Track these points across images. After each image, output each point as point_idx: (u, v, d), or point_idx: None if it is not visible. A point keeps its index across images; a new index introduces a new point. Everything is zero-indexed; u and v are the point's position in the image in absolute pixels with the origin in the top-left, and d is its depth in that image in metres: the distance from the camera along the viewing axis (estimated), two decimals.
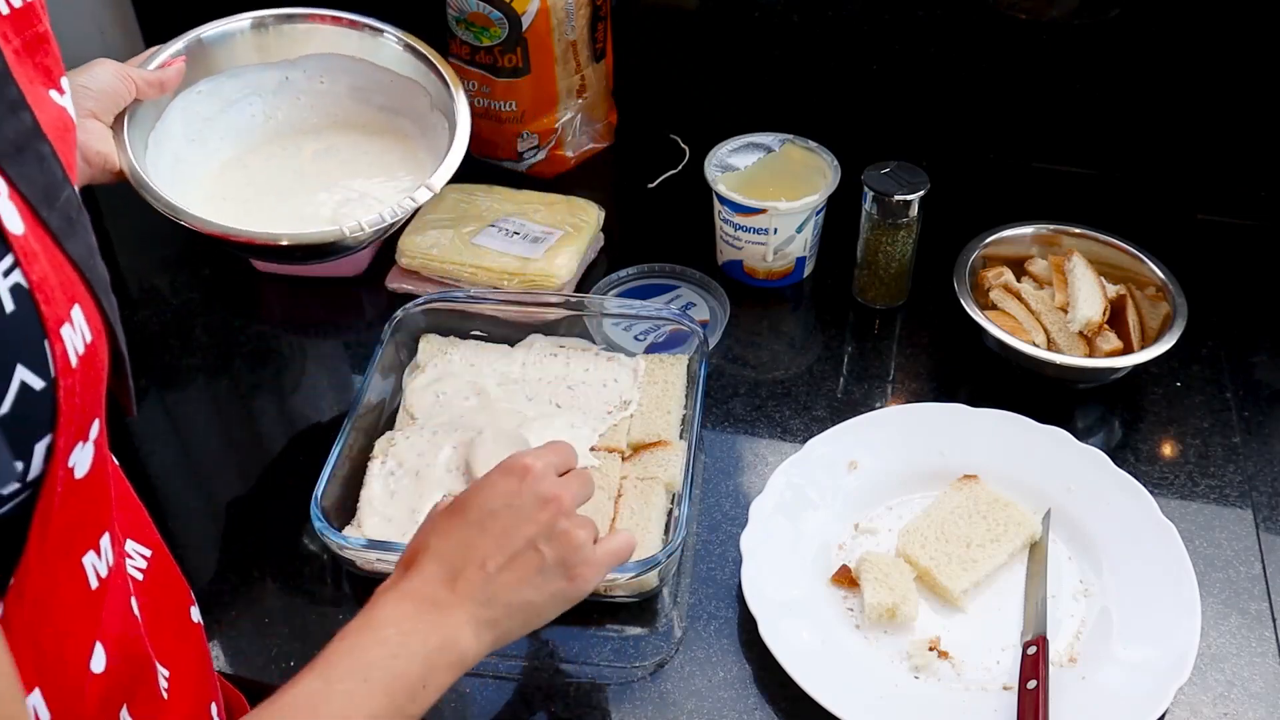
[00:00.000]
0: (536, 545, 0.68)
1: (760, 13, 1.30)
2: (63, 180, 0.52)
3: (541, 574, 0.68)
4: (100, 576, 0.57)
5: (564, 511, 0.70)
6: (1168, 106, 1.24)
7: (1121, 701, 0.81)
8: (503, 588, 0.67)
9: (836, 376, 1.09)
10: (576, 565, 0.69)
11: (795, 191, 1.13)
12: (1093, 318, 1.03)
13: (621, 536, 0.74)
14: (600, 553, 0.71)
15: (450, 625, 0.65)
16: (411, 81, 1.06)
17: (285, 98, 1.08)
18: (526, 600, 0.68)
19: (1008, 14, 1.22)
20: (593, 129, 1.34)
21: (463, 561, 0.67)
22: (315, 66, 1.07)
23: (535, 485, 0.70)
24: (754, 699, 0.83)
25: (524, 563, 0.68)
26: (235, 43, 1.05)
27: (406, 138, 1.07)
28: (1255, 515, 0.95)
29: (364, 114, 1.09)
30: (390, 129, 1.08)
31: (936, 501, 0.94)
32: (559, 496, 0.70)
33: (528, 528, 0.68)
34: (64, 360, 0.47)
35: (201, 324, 1.17)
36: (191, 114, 1.03)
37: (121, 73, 0.92)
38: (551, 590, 0.69)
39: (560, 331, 1.07)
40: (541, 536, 0.68)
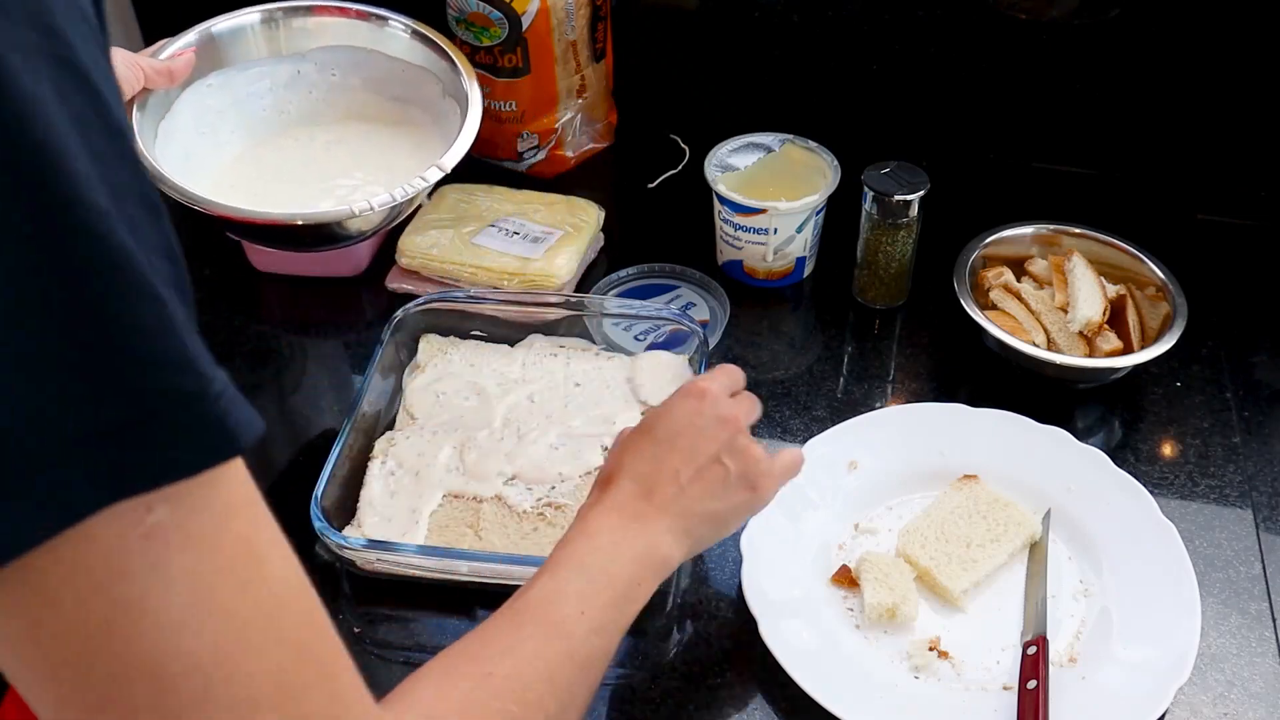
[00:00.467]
0: (720, 459, 0.75)
1: (760, 13, 1.30)
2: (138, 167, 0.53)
3: (726, 486, 0.75)
4: None
5: (741, 429, 0.77)
6: (1168, 106, 1.24)
7: (1121, 701, 0.81)
8: (694, 499, 0.73)
9: (836, 376, 1.09)
10: (757, 477, 0.76)
11: (795, 191, 1.13)
12: (1093, 318, 1.03)
13: (793, 451, 0.81)
14: (777, 466, 0.78)
15: (652, 533, 0.71)
16: (423, 70, 1.06)
17: (298, 91, 1.08)
18: (714, 510, 0.74)
19: (1008, 14, 1.22)
20: (593, 129, 1.34)
21: (656, 476, 0.73)
22: (327, 59, 1.08)
23: (714, 406, 0.76)
24: (754, 699, 0.83)
25: (711, 476, 0.74)
26: (245, 36, 1.05)
27: (418, 126, 1.08)
28: (1255, 515, 0.95)
29: (377, 105, 1.09)
30: (403, 119, 1.08)
31: (936, 501, 0.94)
32: (735, 416, 0.77)
33: (711, 444, 0.75)
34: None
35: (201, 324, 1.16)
36: (202, 106, 1.03)
37: (130, 60, 0.92)
38: (736, 500, 0.76)
39: (560, 331, 1.07)
40: (724, 451, 0.75)
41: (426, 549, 0.87)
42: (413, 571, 0.88)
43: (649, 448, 0.75)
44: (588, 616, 0.65)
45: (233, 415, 0.42)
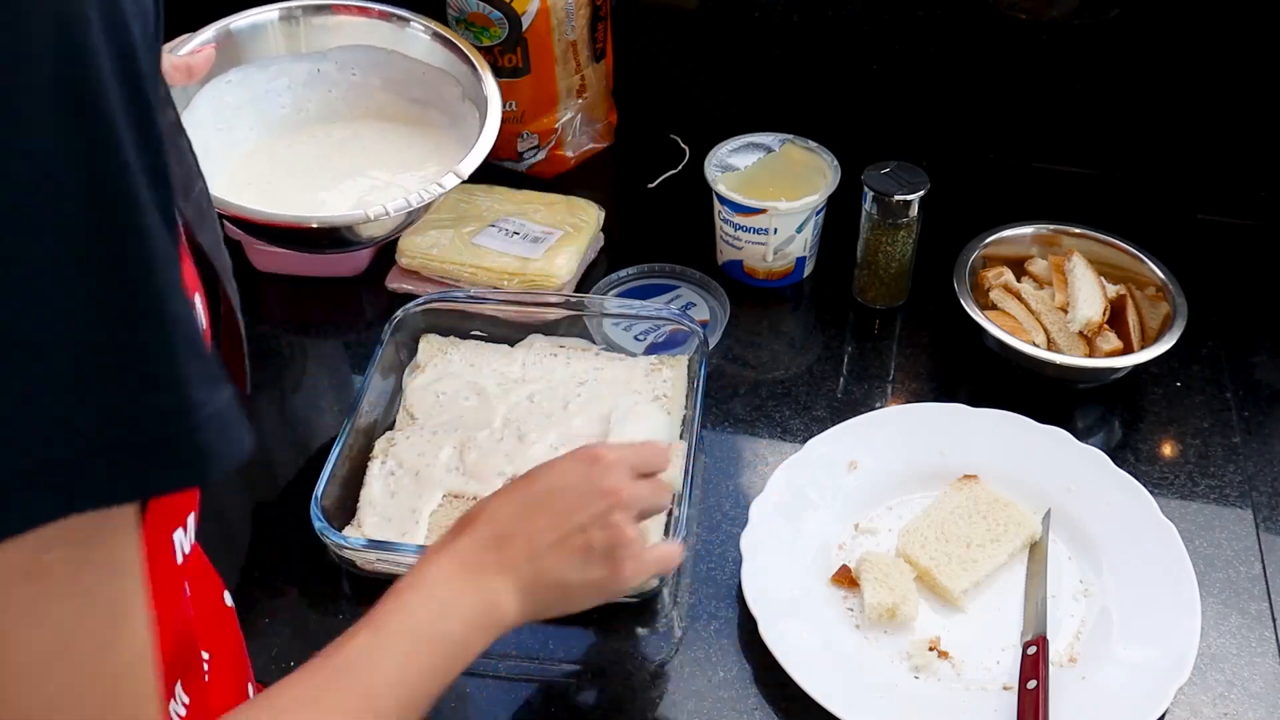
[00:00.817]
0: (587, 530, 0.70)
1: (760, 13, 1.30)
2: (197, 172, 0.54)
3: (585, 559, 0.70)
4: (184, 553, 0.59)
5: (622, 505, 0.72)
6: (1168, 106, 1.24)
7: (1121, 701, 0.81)
8: (546, 563, 0.69)
9: (836, 376, 1.09)
10: (621, 560, 0.71)
11: (795, 191, 1.13)
12: (1093, 318, 1.03)
13: (671, 545, 0.77)
14: (649, 555, 0.73)
15: (491, 590, 0.67)
16: (443, 72, 1.06)
17: (317, 89, 1.07)
18: (565, 581, 0.70)
19: (1008, 14, 1.22)
20: (593, 129, 1.34)
21: (514, 530, 0.69)
22: (347, 58, 1.07)
23: (602, 475, 0.72)
24: (754, 699, 0.83)
25: (571, 544, 0.70)
26: (265, 33, 1.04)
27: (436, 128, 1.07)
28: (1255, 515, 0.95)
29: (396, 106, 1.08)
30: (420, 120, 1.08)
31: (936, 501, 0.94)
32: (620, 491, 0.72)
33: (583, 513, 0.70)
34: None
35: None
36: (220, 103, 1.03)
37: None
38: (591, 577, 0.71)
39: (560, 331, 1.07)
40: (595, 524, 0.70)
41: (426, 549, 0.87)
42: None
43: (519, 499, 0.71)
44: (397, 689, 0.61)
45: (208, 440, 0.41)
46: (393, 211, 0.93)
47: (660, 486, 0.76)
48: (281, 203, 0.99)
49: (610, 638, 0.87)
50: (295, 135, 1.07)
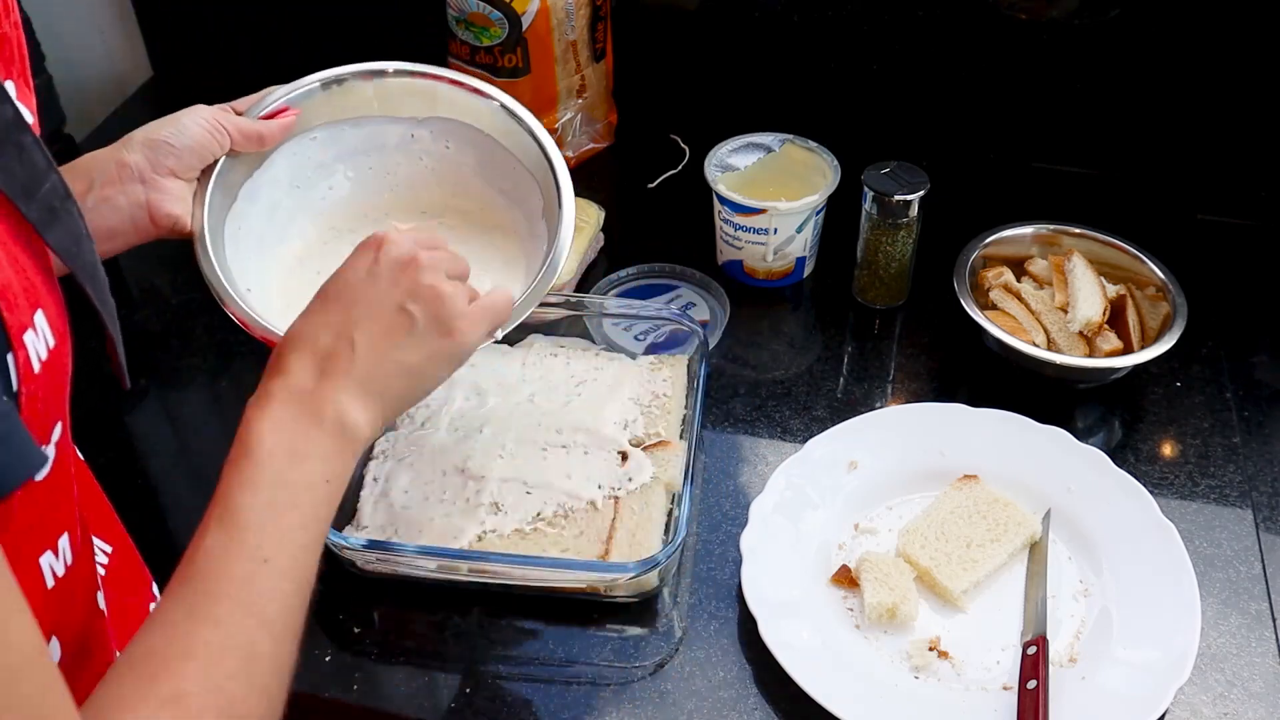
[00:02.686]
0: (403, 307, 0.67)
1: (760, 13, 1.30)
2: (45, 169, 0.51)
3: (412, 335, 0.67)
4: (57, 576, 0.56)
5: (422, 266, 0.68)
6: (1168, 106, 1.24)
7: (1121, 701, 0.81)
8: (377, 357, 0.65)
9: (836, 376, 1.09)
10: (452, 319, 0.68)
11: (795, 191, 1.13)
12: (1093, 318, 1.03)
13: (499, 291, 0.72)
14: (477, 307, 0.70)
15: (333, 413, 0.63)
16: (529, 176, 0.95)
17: (407, 156, 0.97)
18: (403, 362, 0.66)
19: (1008, 14, 1.22)
20: (593, 129, 1.34)
21: (330, 341, 0.65)
22: (442, 130, 0.97)
23: (391, 251, 0.68)
24: (754, 699, 0.83)
25: (392, 327, 0.66)
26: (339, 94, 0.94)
27: (516, 237, 0.95)
28: (1255, 515, 0.95)
29: (483, 195, 0.98)
30: (504, 224, 0.97)
31: (936, 501, 0.94)
32: (416, 257, 0.68)
33: (391, 293, 0.67)
34: (26, 368, 0.47)
35: (201, 324, 1.17)
36: (302, 159, 0.94)
37: (215, 124, 0.83)
38: (429, 349, 0.67)
39: (560, 331, 1.07)
40: (407, 298, 0.67)
41: (426, 549, 0.87)
42: (413, 571, 0.88)
43: (319, 313, 0.66)
44: (272, 561, 0.56)
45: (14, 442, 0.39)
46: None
47: (452, 255, 0.72)
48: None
49: (610, 638, 0.87)
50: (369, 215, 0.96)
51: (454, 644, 0.87)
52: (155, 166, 0.80)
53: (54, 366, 0.49)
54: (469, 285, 0.71)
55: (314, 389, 0.63)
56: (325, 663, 0.86)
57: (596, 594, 0.88)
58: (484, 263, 0.92)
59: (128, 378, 0.60)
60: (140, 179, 0.79)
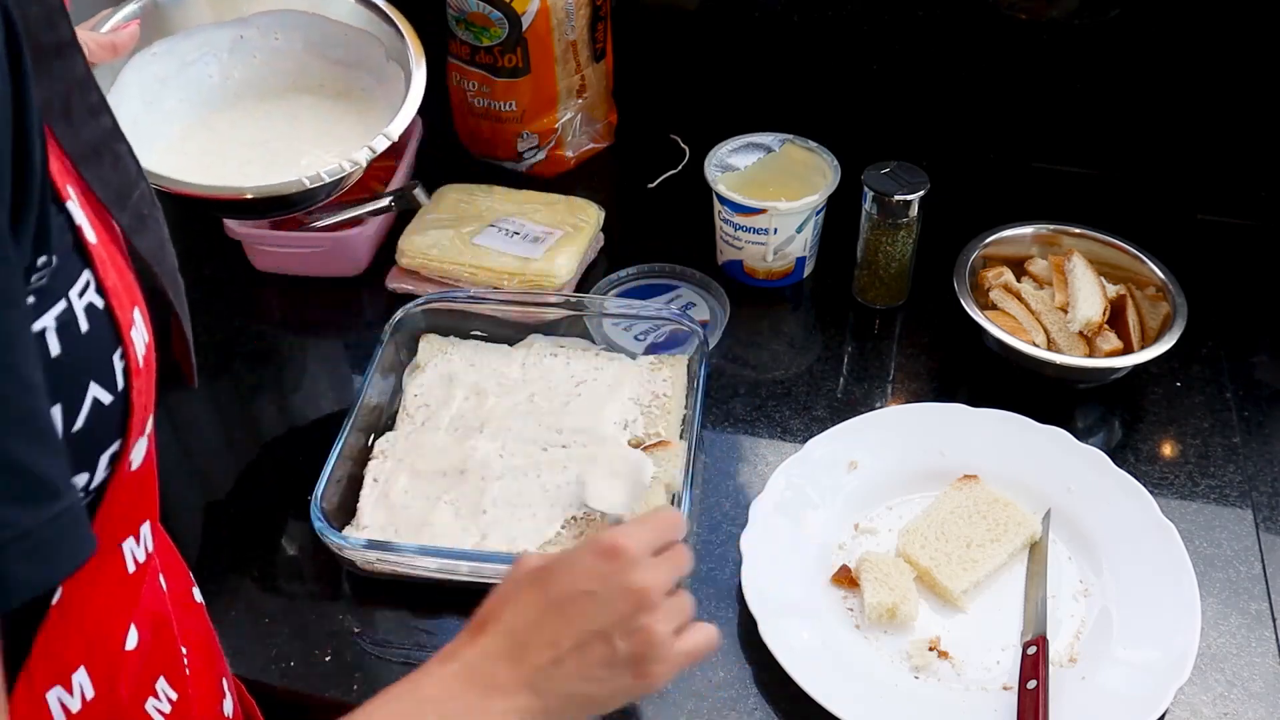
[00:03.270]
0: (611, 639, 0.63)
1: (760, 13, 1.30)
2: (136, 177, 0.53)
3: (609, 668, 0.63)
4: (138, 562, 0.58)
5: (647, 605, 0.63)
6: (1168, 106, 1.24)
7: (1121, 701, 0.81)
8: (564, 678, 0.62)
9: (836, 376, 1.09)
10: (649, 663, 0.63)
11: (795, 191, 1.13)
12: (1093, 318, 1.03)
13: (705, 632, 0.67)
14: (677, 650, 0.65)
15: (501, 706, 0.61)
16: (365, 33, 1.07)
17: (241, 56, 1.07)
18: (586, 694, 0.63)
19: (1008, 14, 1.22)
20: (593, 129, 1.34)
21: (530, 641, 0.62)
22: (269, 23, 1.08)
23: (625, 573, 0.64)
24: (754, 699, 0.83)
25: (593, 654, 0.62)
26: (187, 2, 1.05)
27: (365, 96, 1.08)
28: (1255, 515, 0.95)
29: (321, 69, 1.09)
30: (348, 87, 1.09)
31: (936, 501, 0.94)
32: (647, 590, 0.63)
33: (606, 617, 0.63)
34: (134, 364, 0.49)
35: (201, 324, 1.16)
36: (147, 75, 1.03)
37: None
38: (617, 686, 0.64)
39: (560, 331, 1.07)
40: (619, 629, 0.63)
41: (426, 549, 0.87)
42: (413, 571, 0.88)
43: (534, 605, 0.63)
44: None
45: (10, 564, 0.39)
46: (328, 177, 0.95)
47: (680, 557, 0.68)
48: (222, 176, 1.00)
49: None
50: (227, 109, 1.07)
51: None
52: None
53: (150, 360, 0.52)
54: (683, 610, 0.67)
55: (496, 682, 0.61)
56: (325, 663, 0.86)
57: None
58: (346, 124, 1.06)
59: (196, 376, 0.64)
60: None
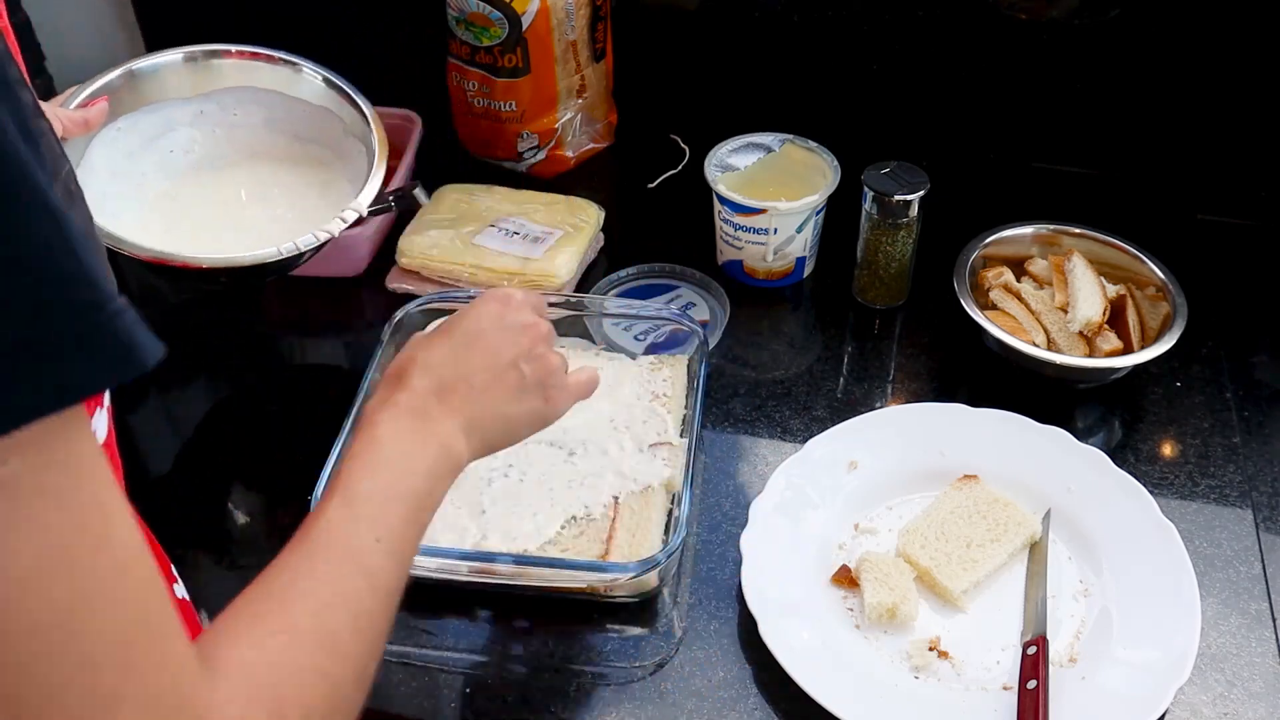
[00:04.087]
0: (518, 365, 0.75)
1: (760, 13, 1.30)
2: (61, 154, 0.53)
3: (521, 391, 0.75)
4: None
5: (541, 338, 0.77)
6: (1168, 106, 1.24)
7: (1121, 701, 0.81)
8: (488, 401, 0.73)
9: (836, 376, 1.09)
10: (551, 388, 0.77)
11: (795, 191, 1.13)
12: (1093, 318, 1.03)
13: (589, 370, 0.81)
14: (571, 381, 0.79)
15: (444, 435, 0.69)
16: (324, 110, 1.10)
17: (201, 130, 1.10)
18: (504, 414, 0.74)
19: (1008, 14, 1.22)
20: (593, 129, 1.34)
21: (451, 376, 0.72)
22: (229, 99, 1.10)
23: (518, 313, 0.77)
24: (754, 699, 0.83)
25: (506, 379, 0.74)
26: (160, 78, 1.08)
27: (324, 165, 1.11)
28: (1255, 515, 0.95)
29: (279, 144, 1.12)
30: (307, 158, 1.11)
31: (936, 501, 0.94)
32: (536, 325, 0.77)
33: (510, 349, 0.75)
34: None
35: (202, 324, 1.17)
36: (114, 150, 1.05)
37: (49, 112, 0.91)
38: (528, 407, 0.75)
39: (560, 331, 1.07)
40: (523, 357, 0.75)
41: (426, 549, 0.87)
42: (413, 571, 0.88)
43: (446, 347, 0.74)
44: (384, 542, 0.62)
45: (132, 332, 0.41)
46: (303, 248, 0.98)
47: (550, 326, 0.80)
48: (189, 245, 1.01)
49: (610, 638, 0.87)
50: (192, 180, 1.09)
51: (454, 644, 0.87)
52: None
53: None
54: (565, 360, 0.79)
55: (432, 410, 0.70)
56: None
57: (596, 594, 0.88)
58: (305, 195, 1.08)
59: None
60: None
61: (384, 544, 0.62)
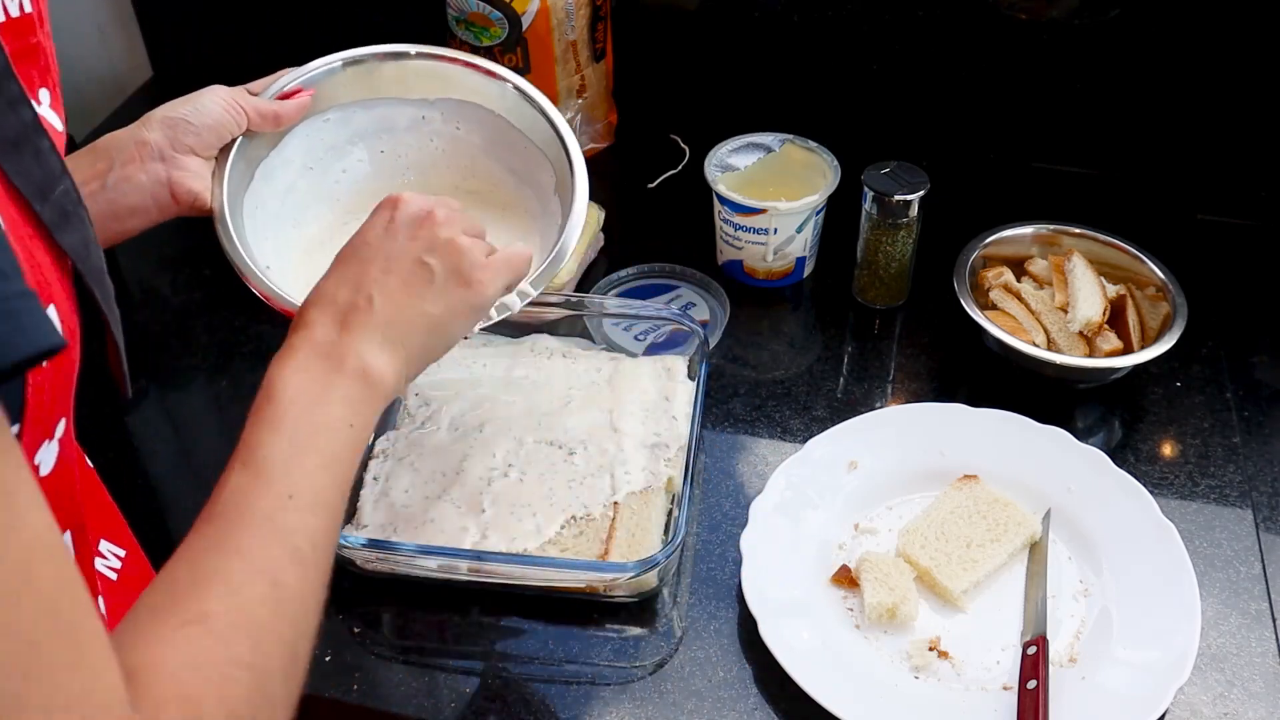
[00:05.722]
0: (421, 260, 0.68)
1: (760, 13, 1.30)
2: (60, 173, 0.52)
3: (433, 286, 0.68)
4: None
5: (440, 223, 0.70)
6: (1168, 106, 1.24)
7: (1121, 701, 0.81)
8: (396, 308, 0.67)
9: (836, 376, 1.09)
10: (470, 270, 0.70)
11: (795, 191, 1.13)
12: (1093, 318, 1.03)
13: (517, 245, 0.75)
14: (494, 259, 0.72)
15: (355, 360, 0.64)
16: (540, 153, 0.96)
17: (418, 137, 0.98)
18: (425, 313, 0.68)
19: (1008, 14, 1.22)
20: (593, 129, 1.34)
21: (349, 296, 0.67)
22: (453, 110, 0.98)
23: (406, 208, 0.71)
24: (754, 699, 0.83)
25: (412, 279, 0.68)
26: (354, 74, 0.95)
27: (527, 217, 0.96)
28: (1255, 515, 0.95)
29: (494, 174, 0.99)
30: (514, 200, 0.98)
31: (936, 501, 0.94)
32: (433, 212, 0.71)
33: (409, 246, 0.69)
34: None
35: (201, 324, 1.17)
36: (315, 141, 0.95)
37: (232, 104, 0.85)
38: (450, 300, 0.69)
39: (560, 331, 1.07)
40: (425, 250, 0.69)
41: (426, 548, 0.87)
42: (413, 571, 0.88)
43: (337, 272, 0.68)
44: (298, 498, 0.57)
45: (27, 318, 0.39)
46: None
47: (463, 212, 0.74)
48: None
49: (610, 638, 0.87)
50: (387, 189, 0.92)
51: (454, 644, 0.87)
52: (174, 144, 0.82)
53: (61, 362, 0.50)
54: (487, 242, 0.74)
55: (336, 340, 0.65)
56: (325, 663, 0.86)
57: (596, 594, 0.88)
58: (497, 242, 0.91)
59: (129, 386, 0.60)
60: (160, 157, 0.81)
61: (298, 499, 0.57)
